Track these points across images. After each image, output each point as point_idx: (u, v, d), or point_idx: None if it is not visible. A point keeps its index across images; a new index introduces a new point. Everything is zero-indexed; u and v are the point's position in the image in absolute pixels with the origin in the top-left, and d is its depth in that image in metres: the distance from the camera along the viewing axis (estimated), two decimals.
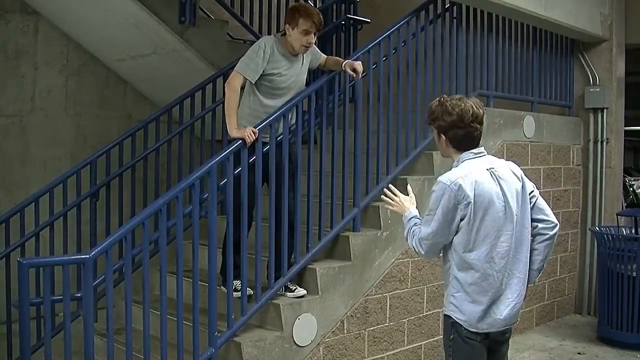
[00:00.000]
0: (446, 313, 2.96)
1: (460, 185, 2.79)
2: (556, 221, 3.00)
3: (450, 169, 2.95)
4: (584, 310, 6.73)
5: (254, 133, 3.80)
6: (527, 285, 2.98)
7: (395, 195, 3.16)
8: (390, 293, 4.66)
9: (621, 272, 5.64)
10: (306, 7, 4.16)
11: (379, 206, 4.57)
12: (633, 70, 7.59)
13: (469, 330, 2.88)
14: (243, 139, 3.78)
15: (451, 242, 2.89)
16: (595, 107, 6.69)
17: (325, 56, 4.43)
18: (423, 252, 2.95)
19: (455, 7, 5.30)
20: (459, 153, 2.94)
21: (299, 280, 4.24)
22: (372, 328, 4.53)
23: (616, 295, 5.67)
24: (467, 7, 5.40)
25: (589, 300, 6.70)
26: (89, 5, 4.99)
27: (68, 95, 5.63)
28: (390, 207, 3.17)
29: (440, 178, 2.88)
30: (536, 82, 6.24)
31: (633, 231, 6.17)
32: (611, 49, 6.70)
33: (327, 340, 4.22)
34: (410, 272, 4.79)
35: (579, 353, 5.53)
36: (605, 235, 5.85)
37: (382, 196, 3.19)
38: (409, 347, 4.83)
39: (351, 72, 4.23)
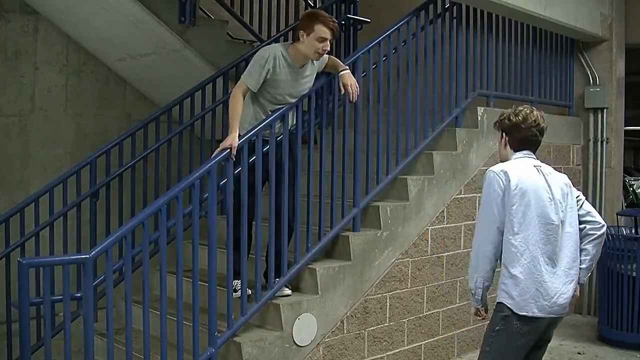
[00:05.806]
0: (498, 300, 3.11)
1: (506, 172, 3.09)
2: (603, 222, 3.22)
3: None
4: (584, 310, 6.72)
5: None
6: (579, 283, 3.16)
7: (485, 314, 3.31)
8: (390, 293, 4.66)
9: (621, 272, 5.63)
10: (324, 14, 4.09)
11: (378, 206, 4.58)
12: (633, 70, 7.58)
13: (520, 320, 3.00)
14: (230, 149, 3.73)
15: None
16: (595, 107, 6.69)
17: (328, 57, 4.37)
18: (477, 244, 3.11)
19: (455, 7, 5.30)
20: (514, 153, 3.27)
21: (298, 279, 4.25)
22: (372, 328, 4.53)
23: (616, 295, 5.67)
24: (467, 7, 5.40)
25: (589, 300, 6.69)
26: (89, 5, 4.99)
27: (68, 95, 5.63)
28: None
29: (489, 169, 3.19)
30: (536, 82, 6.23)
31: (633, 231, 6.16)
32: (611, 48, 6.70)
33: (327, 340, 4.22)
34: (410, 272, 4.79)
35: (579, 353, 5.53)
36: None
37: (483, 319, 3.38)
38: (409, 347, 4.83)
39: (342, 88, 4.22)
